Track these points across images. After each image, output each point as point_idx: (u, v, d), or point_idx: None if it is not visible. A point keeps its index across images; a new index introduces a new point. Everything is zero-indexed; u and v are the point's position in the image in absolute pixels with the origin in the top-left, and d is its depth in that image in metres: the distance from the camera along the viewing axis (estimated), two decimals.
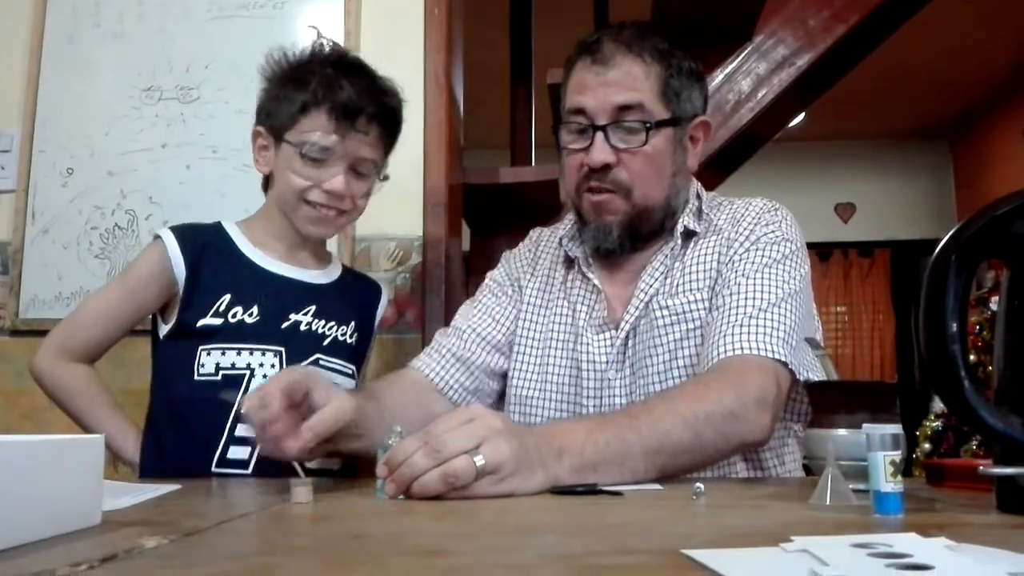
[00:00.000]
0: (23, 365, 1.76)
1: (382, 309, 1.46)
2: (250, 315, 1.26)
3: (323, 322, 1.31)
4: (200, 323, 1.24)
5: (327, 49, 1.32)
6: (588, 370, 1.22)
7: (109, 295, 1.32)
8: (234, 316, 1.25)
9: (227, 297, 1.26)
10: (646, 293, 1.22)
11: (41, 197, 1.80)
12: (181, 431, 1.23)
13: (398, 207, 1.78)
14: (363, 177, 1.29)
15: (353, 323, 1.35)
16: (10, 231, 1.80)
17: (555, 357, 1.26)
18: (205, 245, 1.30)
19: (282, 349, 1.26)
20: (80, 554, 0.50)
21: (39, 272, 1.78)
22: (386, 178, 1.35)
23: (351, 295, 1.39)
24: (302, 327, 1.29)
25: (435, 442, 0.80)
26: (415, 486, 0.79)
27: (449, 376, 1.27)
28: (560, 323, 1.28)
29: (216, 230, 1.34)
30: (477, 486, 0.80)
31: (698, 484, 0.82)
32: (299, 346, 1.27)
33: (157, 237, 1.31)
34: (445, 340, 1.31)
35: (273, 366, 1.25)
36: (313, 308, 1.31)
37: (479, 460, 0.80)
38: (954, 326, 0.68)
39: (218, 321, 1.25)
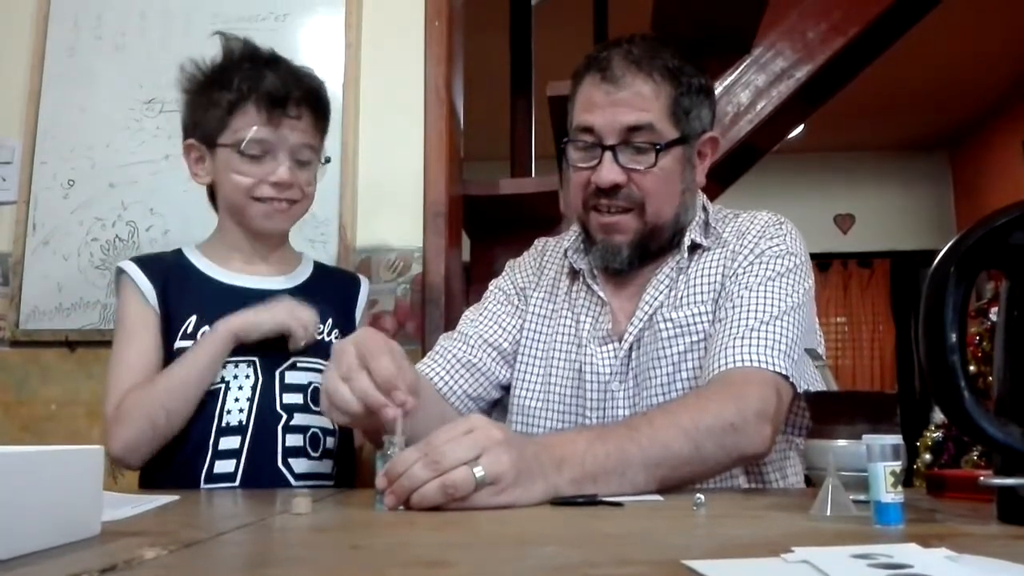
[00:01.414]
0: (23, 376, 1.76)
1: (364, 298, 1.42)
2: None
3: None
4: (175, 347, 1.24)
5: (238, 46, 1.31)
6: (591, 381, 1.22)
7: (125, 356, 1.25)
8: (203, 335, 1.24)
9: (193, 318, 1.26)
10: (650, 306, 1.22)
11: (42, 208, 1.80)
12: (169, 453, 1.22)
13: (398, 218, 1.78)
14: (305, 164, 1.29)
15: (330, 320, 1.33)
16: (11, 242, 1.80)
17: (558, 368, 1.26)
18: (167, 272, 1.29)
19: (255, 359, 1.25)
20: (79, 565, 0.50)
21: (39, 283, 1.78)
22: (327, 160, 1.34)
23: (325, 293, 1.36)
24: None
25: (434, 453, 0.80)
26: (414, 497, 0.79)
27: (453, 382, 1.27)
28: (564, 334, 1.28)
29: (175, 256, 1.33)
30: (477, 497, 0.80)
31: (698, 495, 0.82)
32: (273, 353, 1.26)
33: (121, 272, 1.29)
34: (450, 344, 1.30)
35: (248, 376, 1.24)
36: None
37: (478, 471, 0.80)
38: (953, 336, 0.68)
39: (188, 343, 1.24)
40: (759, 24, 2.11)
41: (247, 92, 1.24)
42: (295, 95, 1.26)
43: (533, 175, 2.51)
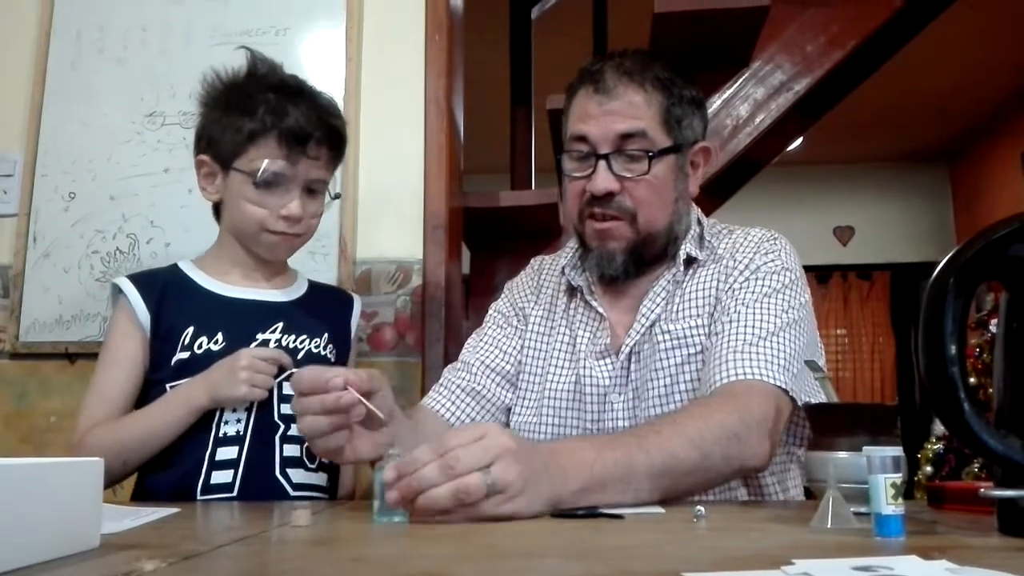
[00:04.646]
0: (23, 388, 1.76)
1: (357, 316, 1.45)
2: (215, 343, 1.26)
3: (293, 336, 1.30)
4: (174, 360, 1.25)
5: (265, 71, 1.31)
6: (590, 393, 1.22)
7: (100, 382, 1.27)
8: (200, 347, 1.25)
9: (191, 330, 1.26)
10: (647, 318, 1.23)
11: (43, 221, 1.81)
12: (166, 467, 1.22)
13: (398, 230, 1.78)
14: (315, 196, 1.31)
15: (326, 335, 1.35)
16: (11, 255, 1.80)
17: (554, 382, 1.26)
18: (164, 287, 1.30)
19: None
20: None
21: (40, 296, 1.78)
22: (337, 196, 1.36)
23: (321, 308, 1.38)
24: (271, 345, 1.28)
25: (449, 457, 0.79)
26: (423, 499, 0.78)
27: (459, 410, 1.28)
28: (562, 350, 1.29)
29: (172, 271, 1.34)
30: (484, 505, 0.79)
31: (699, 507, 0.81)
32: None
33: (118, 290, 1.30)
34: (454, 376, 1.32)
35: None
36: (280, 325, 1.31)
37: (489, 479, 0.79)
38: (953, 348, 0.68)
39: (186, 355, 1.25)
40: (758, 37, 2.11)
41: (270, 125, 1.24)
42: (317, 135, 1.26)
43: (533, 187, 2.51)
